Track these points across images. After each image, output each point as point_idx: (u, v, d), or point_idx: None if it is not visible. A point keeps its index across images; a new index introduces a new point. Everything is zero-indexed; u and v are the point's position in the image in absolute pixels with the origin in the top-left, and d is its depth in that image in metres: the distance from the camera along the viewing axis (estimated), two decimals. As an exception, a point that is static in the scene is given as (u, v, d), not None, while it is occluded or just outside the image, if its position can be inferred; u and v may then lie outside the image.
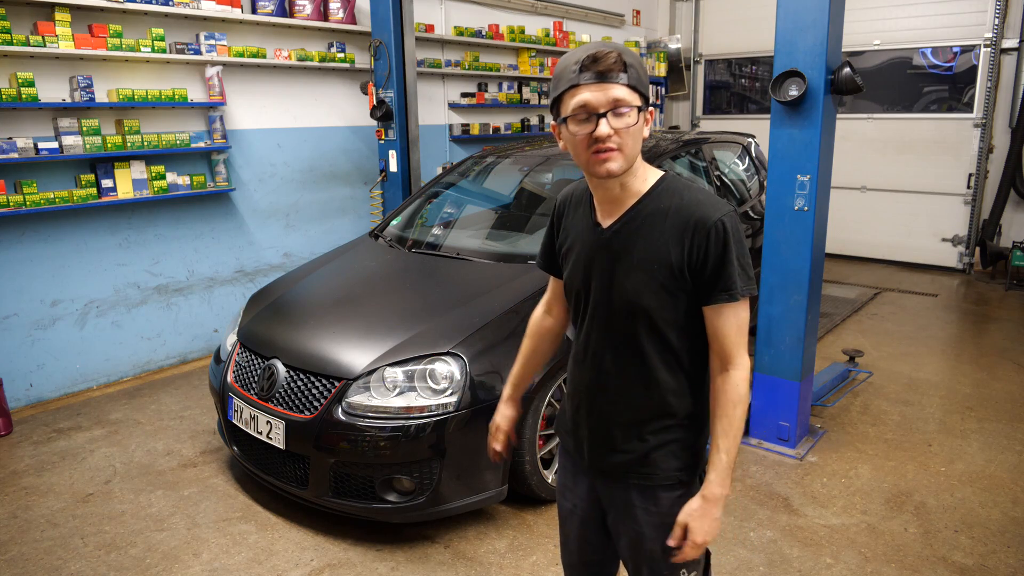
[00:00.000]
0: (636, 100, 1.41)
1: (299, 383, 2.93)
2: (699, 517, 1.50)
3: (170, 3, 4.51)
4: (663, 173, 1.56)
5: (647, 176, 1.53)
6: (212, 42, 4.76)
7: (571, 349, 1.70)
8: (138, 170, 4.50)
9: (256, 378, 3.09)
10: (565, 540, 1.84)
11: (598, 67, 1.39)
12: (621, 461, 1.60)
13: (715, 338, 1.51)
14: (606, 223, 1.55)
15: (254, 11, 5.08)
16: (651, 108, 1.47)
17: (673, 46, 9.29)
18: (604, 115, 1.39)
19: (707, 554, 1.70)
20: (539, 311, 1.89)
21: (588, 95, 1.40)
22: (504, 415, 1.94)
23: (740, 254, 1.46)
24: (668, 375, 1.54)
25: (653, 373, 1.54)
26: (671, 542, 1.53)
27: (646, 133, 1.47)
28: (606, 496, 1.68)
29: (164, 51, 4.50)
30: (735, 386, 1.50)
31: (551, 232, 1.75)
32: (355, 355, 2.92)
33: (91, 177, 4.32)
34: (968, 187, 7.33)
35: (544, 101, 7.70)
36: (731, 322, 1.49)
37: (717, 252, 1.45)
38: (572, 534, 1.80)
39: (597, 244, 1.55)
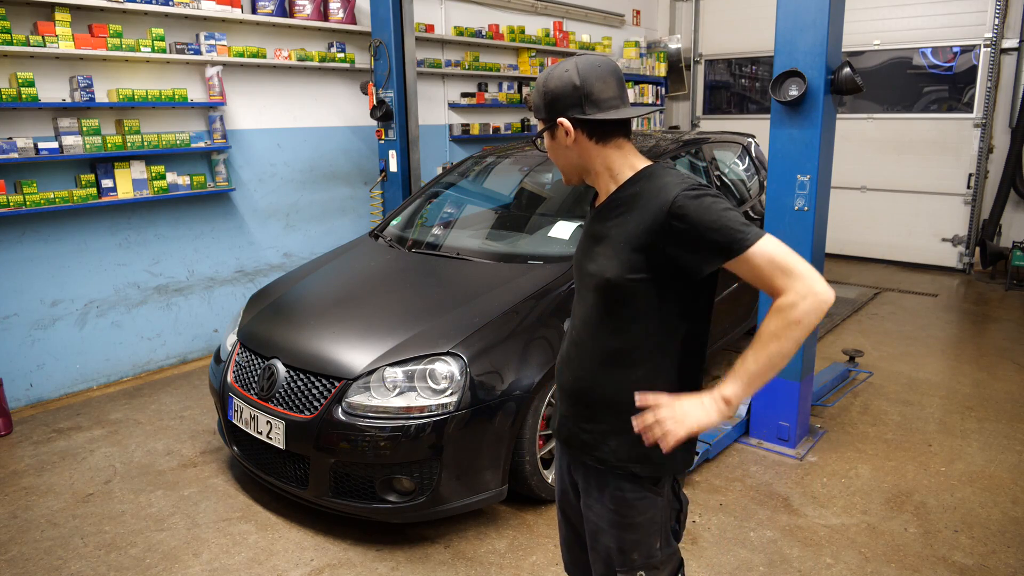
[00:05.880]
0: (542, 125, 1.61)
1: (299, 383, 2.93)
2: (680, 398, 1.43)
3: (170, 3, 4.51)
4: (649, 164, 1.60)
5: (636, 166, 1.59)
6: (212, 42, 4.76)
7: None
8: (138, 170, 4.50)
9: (256, 378, 3.09)
10: (559, 522, 1.91)
11: None
12: (580, 438, 1.63)
13: (755, 284, 1.43)
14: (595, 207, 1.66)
15: (254, 11, 5.08)
16: (560, 120, 1.55)
17: (673, 46, 9.29)
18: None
19: (679, 563, 1.68)
20: None
21: None
22: None
23: (712, 220, 1.38)
24: (629, 359, 1.54)
25: (615, 355, 1.55)
26: (638, 401, 1.45)
27: (568, 141, 1.56)
28: (576, 475, 1.72)
29: (164, 51, 4.50)
30: (777, 309, 1.37)
31: None
32: (355, 355, 2.92)
33: (91, 177, 4.32)
34: (968, 187, 7.32)
35: (544, 101, 7.71)
36: (758, 264, 1.38)
37: (690, 233, 1.40)
38: (560, 515, 1.87)
39: (585, 226, 1.68)
